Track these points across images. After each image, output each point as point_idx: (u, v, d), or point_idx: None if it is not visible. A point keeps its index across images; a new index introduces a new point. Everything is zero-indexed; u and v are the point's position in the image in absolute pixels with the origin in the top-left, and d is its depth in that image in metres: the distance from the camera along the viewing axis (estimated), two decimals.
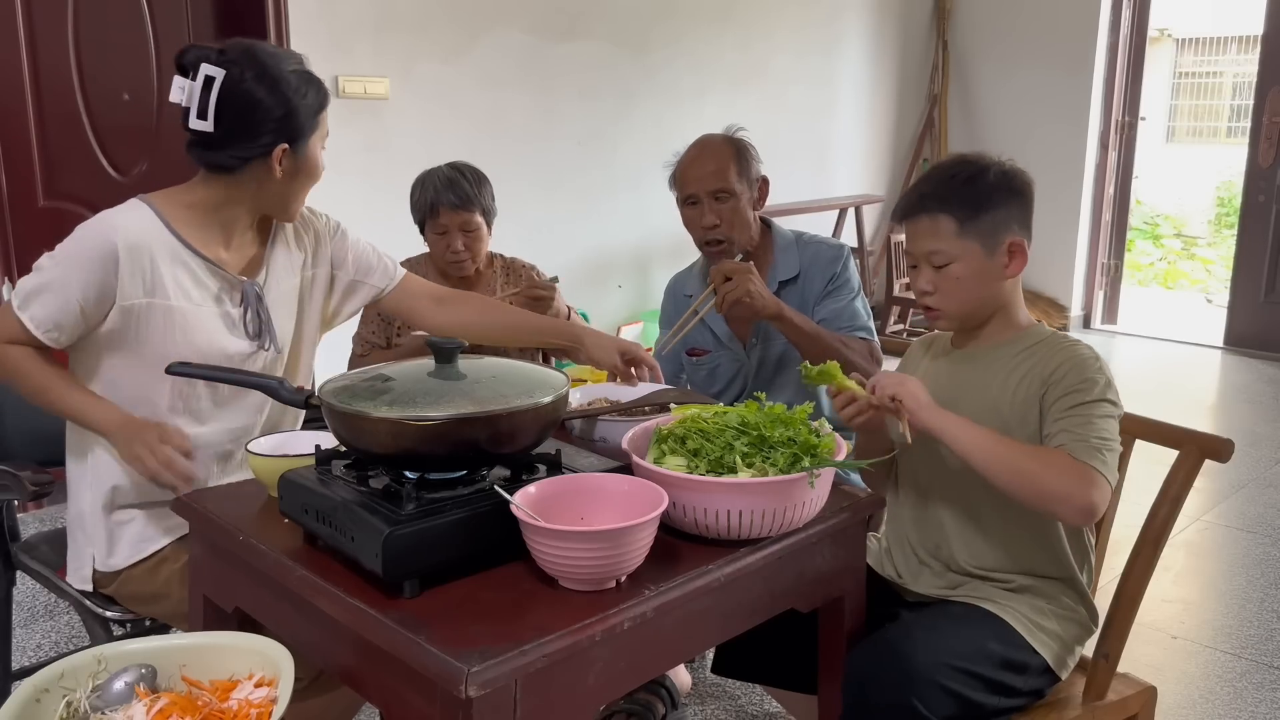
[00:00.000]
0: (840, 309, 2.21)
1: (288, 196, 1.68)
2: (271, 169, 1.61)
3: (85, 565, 1.73)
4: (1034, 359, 1.53)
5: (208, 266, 1.66)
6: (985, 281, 1.54)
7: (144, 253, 1.59)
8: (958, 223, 1.52)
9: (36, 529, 2.49)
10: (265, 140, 1.59)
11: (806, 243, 2.28)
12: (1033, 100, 6.06)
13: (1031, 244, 1.57)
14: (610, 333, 4.58)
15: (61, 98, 3.34)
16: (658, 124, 4.77)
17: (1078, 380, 1.47)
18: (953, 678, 1.39)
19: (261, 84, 1.57)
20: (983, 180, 1.54)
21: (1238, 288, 5.78)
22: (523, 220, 4.00)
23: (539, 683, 1.08)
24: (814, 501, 1.33)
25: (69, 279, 1.57)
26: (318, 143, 1.67)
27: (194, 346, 1.63)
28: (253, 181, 1.63)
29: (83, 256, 1.58)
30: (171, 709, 1.10)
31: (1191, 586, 3.00)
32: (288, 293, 1.78)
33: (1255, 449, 4.12)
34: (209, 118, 1.56)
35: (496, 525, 1.21)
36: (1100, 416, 1.44)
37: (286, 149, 1.61)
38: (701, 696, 2.34)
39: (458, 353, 1.34)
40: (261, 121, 1.58)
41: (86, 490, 1.70)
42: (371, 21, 3.68)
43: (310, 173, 1.68)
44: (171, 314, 1.62)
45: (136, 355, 1.63)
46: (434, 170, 2.40)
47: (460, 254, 2.36)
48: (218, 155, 1.61)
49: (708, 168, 2.17)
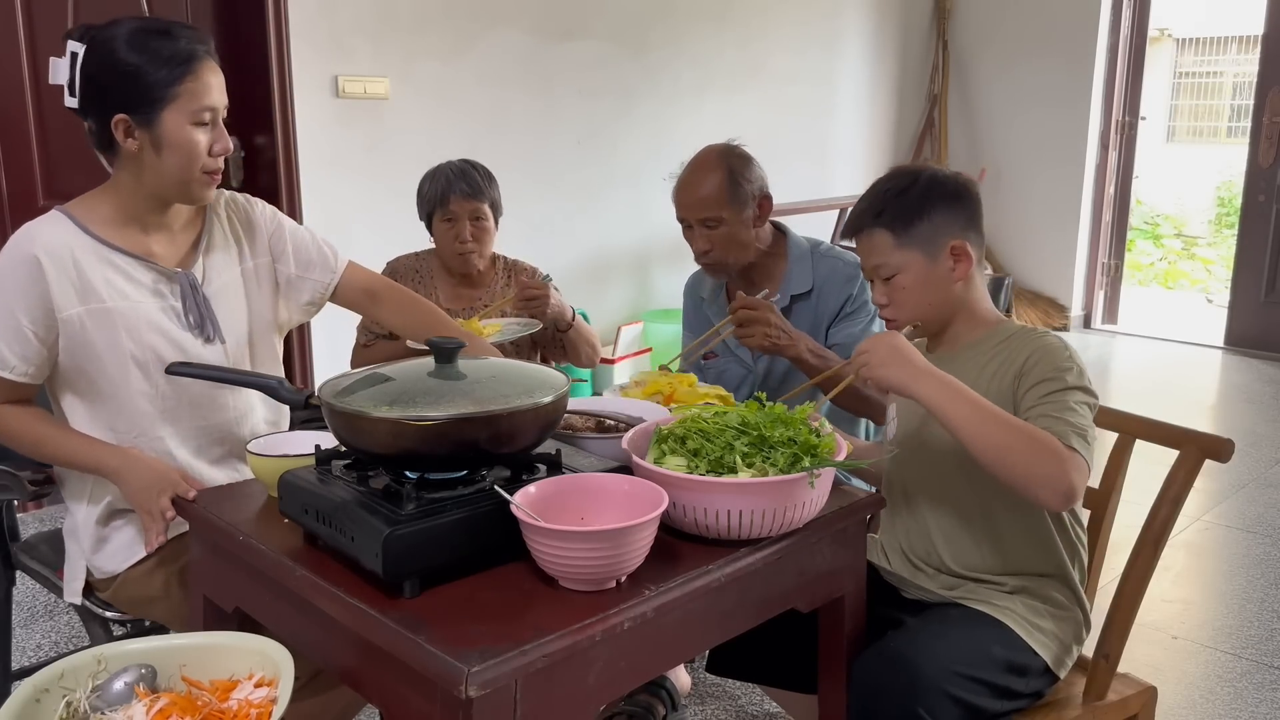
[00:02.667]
0: (857, 334, 2.15)
1: (165, 175, 1.58)
2: (126, 145, 1.56)
3: (78, 577, 1.73)
4: (1005, 354, 1.54)
5: (136, 262, 1.62)
6: (934, 287, 1.57)
7: (66, 259, 1.56)
8: (893, 235, 1.56)
9: (36, 529, 2.49)
10: (109, 111, 1.53)
11: (823, 255, 2.23)
12: (1033, 100, 6.06)
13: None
14: (610, 333, 4.60)
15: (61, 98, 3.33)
16: (657, 123, 4.77)
17: (1049, 369, 1.47)
18: (959, 685, 1.39)
19: (109, 52, 1.52)
20: (913, 190, 1.57)
21: (1238, 288, 5.79)
22: (523, 219, 4.00)
23: (539, 683, 1.08)
24: (814, 501, 1.33)
25: (8, 305, 1.54)
26: (181, 117, 1.55)
27: (146, 345, 1.60)
28: (130, 161, 1.59)
29: (10, 279, 1.55)
30: (171, 709, 1.10)
31: (1191, 586, 3.00)
32: (230, 285, 1.72)
33: (1255, 449, 4.12)
34: (75, 94, 1.55)
35: (496, 525, 1.21)
36: (1075, 403, 1.44)
37: (126, 120, 1.54)
38: (701, 697, 2.34)
39: (458, 352, 1.34)
40: (100, 89, 1.54)
41: (84, 504, 1.70)
42: (371, 21, 3.68)
43: (178, 147, 1.56)
44: (110, 316, 1.59)
45: (98, 371, 1.60)
46: (445, 164, 2.43)
47: (468, 244, 2.36)
48: (90, 134, 1.58)
49: (697, 195, 2.14)
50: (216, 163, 1.61)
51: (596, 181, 4.60)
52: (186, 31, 1.57)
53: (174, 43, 1.54)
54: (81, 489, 1.70)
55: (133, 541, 1.69)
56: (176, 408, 1.67)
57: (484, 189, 2.38)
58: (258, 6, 3.40)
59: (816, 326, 2.17)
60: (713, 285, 2.33)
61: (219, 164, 1.62)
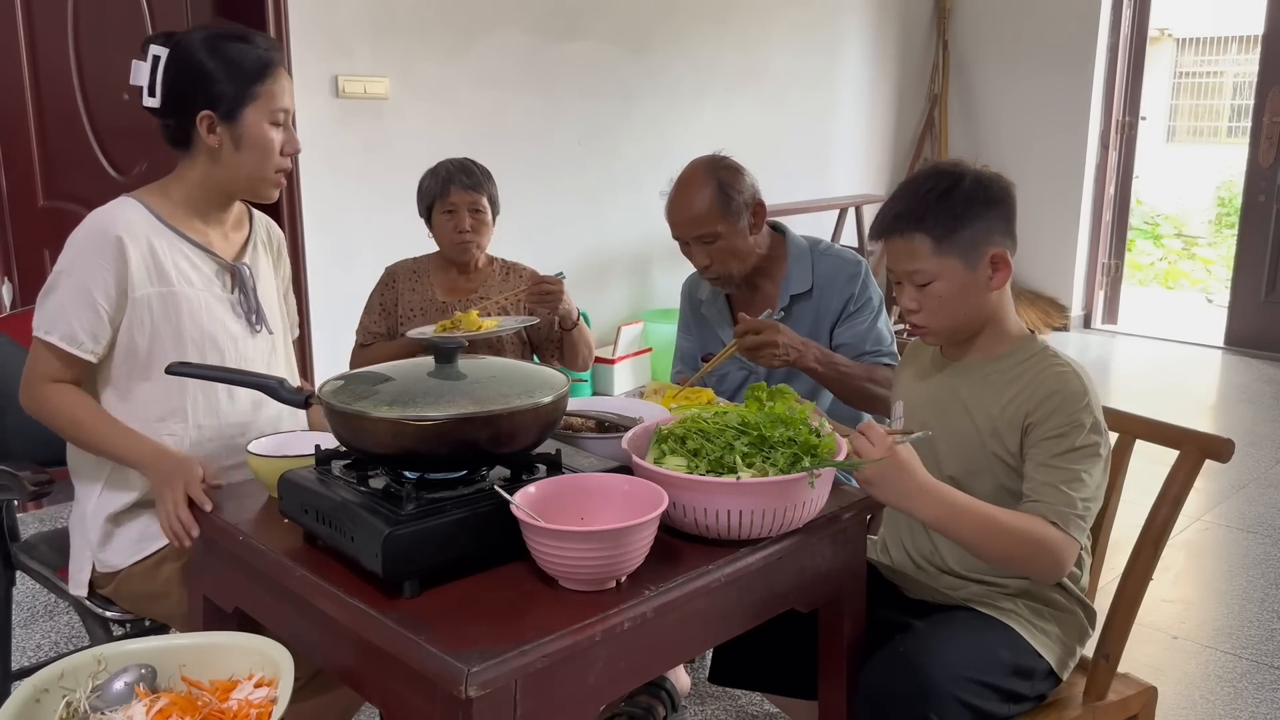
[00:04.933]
0: (862, 333, 2.15)
1: (241, 170, 1.68)
2: (208, 140, 1.65)
3: (84, 570, 1.73)
4: (1024, 380, 1.49)
5: (201, 251, 1.71)
6: (969, 296, 1.50)
7: (143, 241, 1.64)
8: (934, 241, 1.47)
9: (36, 529, 2.49)
10: (193, 108, 1.63)
11: (822, 254, 2.22)
12: (1033, 100, 6.06)
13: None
14: (610, 333, 4.60)
15: (61, 97, 3.34)
16: (658, 124, 4.77)
17: (1064, 421, 1.43)
18: (968, 689, 1.38)
19: (193, 54, 1.63)
20: (957, 193, 1.47)
21: (1238, 288, 5.78)
22: (522, 220, 4.00)
23: (539, 683, 1.08)
24: (814, 501, 1.33)
25: (84, 283, 1.60)
26: (260, 116, 1.66)
27: (205, 330, 1.68)
28: (204, 156, 1.67)
29: (90, 256, 1.61)
30: (171, 709, 1.10)
31: (1191, 586, 3.00)
32: (270, 288, 1.83)
33: (1255, 449, 4.12)
34: (156, 94, 1.64)
35: (496, 525, 1.21)
36: (1084, 470, 1.41)
37: (211, 116, 1.63)
38: (701, 698, 2.34)
39: (458, 352, 1.34)
40: (185, 89, 1.63)
41: (94, 497, 1.71)
42: (371, 21, 3.68)
43: (255, 144, 1.67)
44: (177, 299, 1.66)
45: (154, 352, 1.65)
46: (445, 160, 2.46)
47: (466, 234, 2.39)
48: (168, 132, 1.67)
49: (689, 213, 2.13)
50: (286, 162, 1.72)
51: (597, 182, 4.60)
52: (262, 39, 1.70)
53: (254, 48, 1.66)
54: (95, 480, 1.71)
55: (140, 537, 1.69)
56: (217, 395, 1.72)
57: (483, 183, 2.43)
58: (258, 6, 3.40)
59: (818, 325, 2.17)
60: (711, 287, 2.33)
61: (288, 164, 1.72)
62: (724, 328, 2.25)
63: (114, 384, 1.68)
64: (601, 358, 4.47)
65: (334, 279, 3.64)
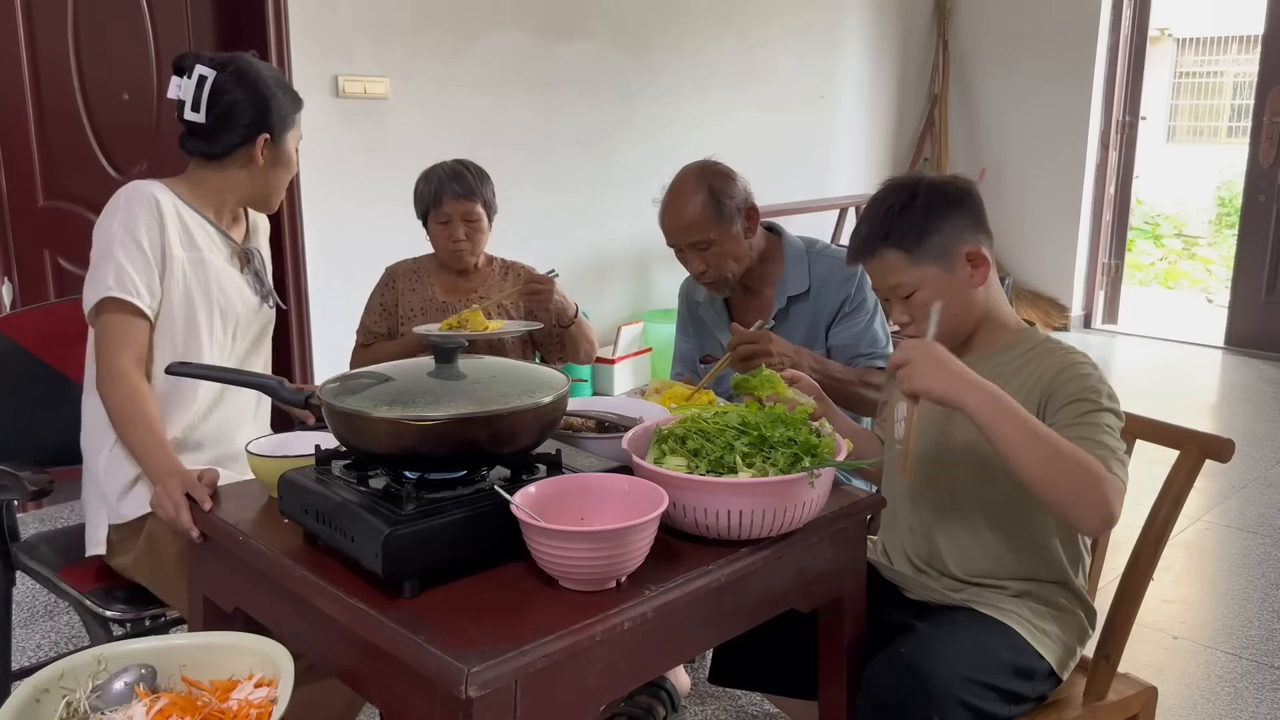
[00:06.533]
0: (858, 334, 2.15)
1: (268, 185, 1.87)
2: (255, 156, 1.81)
3: (100, 528, 1.76)
4: (1031, 367, 1.51)
5: (219, 232, 1.85)
6: (956, 298, 1.51)
7: (171, 210, 1.76)
8: (906, 253, 1.50)
9: (36, 529, 2.49)
10: (247, 130, 1.79)
11: (819, 254, 2.22)
12: (1033, 100, 6.06)
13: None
14: (610, 333, 4.60)
15: (61, 97, 3.34)
16: (658, 125, 4.77)
17: (1082, 388, 1.44)
18: (970, 691, 1.38)
19: (244, 82, 1.79)
20: (916, 203, 1.51)
21: (1238, 287, 5.78)
22: (523, 220, 4.00)
23: (539, 683, 1.08)
24: (814, 501, 1.33)
25: (136, 239, 1.70)
26: (293, 141, 1.87)
27: (230, 299, 1.82)
28: (237, 168, 1.82)
29: (134, 216, 1.71)
30: (171, 709, 1.10)
31: (1191, 586, 3.00)
32: (268, 271, 1.96)
33: (1255, 449, 4.12)
34: (201, 110, 1.77)
35: (496, 525, 1.21)
36: (1108, 426, 1.42)
37: (268, 138, 1.81)
38: (701, 698, 2.34)
39: (458, 352, 1.34)
40: (244, 113, 1.79)
41: (105, 451, 1.76)
42: (371, 22, 3.68)
43: (287, 165, 1.88)
44: (206, 267, 1.79)
45: (184, 317, 1.76)
46: (439, 164, 2.45)
47: (461, 243, 2.39)
48: (208, 144, 1.80)
49: (682, 221, 2.13)
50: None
51: (597, 182, 4.60)
52: (279, 71, 1.90)
53: (286, 82, 1.89)
54: (104, 434, 1.75)
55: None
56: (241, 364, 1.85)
57: (477, 189, 2.40)
58: (258, 6, 3.40)
59: (814, 326, 2.17)
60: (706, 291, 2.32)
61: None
62: (721, 330, 2.25)
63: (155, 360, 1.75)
64: (601, 358, 4.48)
65: (334, 279, 3.64)
